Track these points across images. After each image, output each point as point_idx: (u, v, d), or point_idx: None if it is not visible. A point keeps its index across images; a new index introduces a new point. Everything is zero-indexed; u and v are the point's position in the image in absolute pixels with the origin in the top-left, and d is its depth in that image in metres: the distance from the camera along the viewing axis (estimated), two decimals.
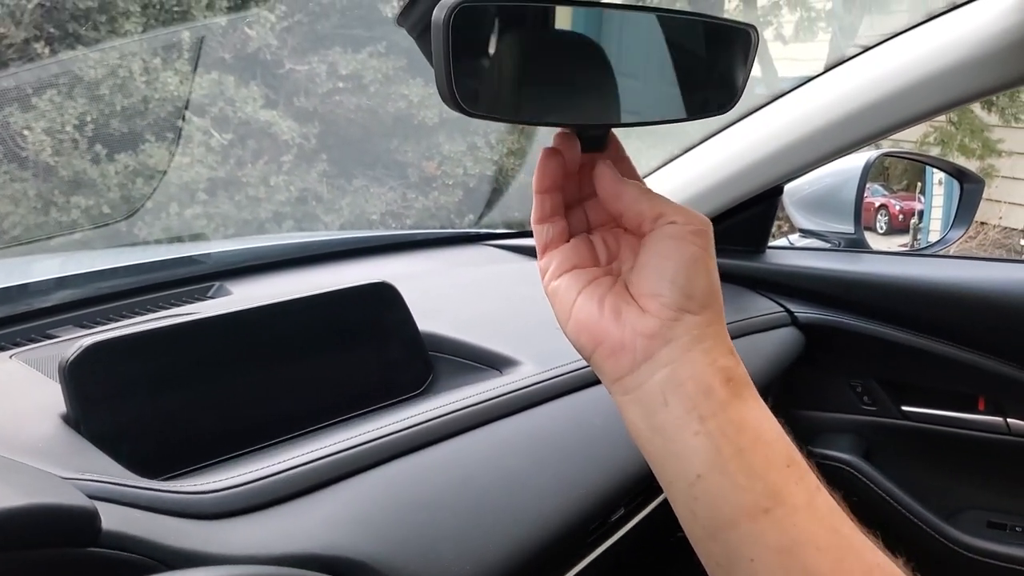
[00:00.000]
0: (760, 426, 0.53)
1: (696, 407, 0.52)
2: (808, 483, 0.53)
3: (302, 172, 4.51)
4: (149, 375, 0.81)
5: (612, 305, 0.55)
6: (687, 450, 0.52)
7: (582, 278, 0.57)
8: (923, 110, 1.18)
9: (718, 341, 0.54)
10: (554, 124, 0.57)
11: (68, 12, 3.91)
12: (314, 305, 0.94)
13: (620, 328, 0.54)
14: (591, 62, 0.56)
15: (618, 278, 0.57)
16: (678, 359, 0.52)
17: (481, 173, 4.78)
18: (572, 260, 0.57)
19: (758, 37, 0.62)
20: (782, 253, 1.47)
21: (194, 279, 1.21)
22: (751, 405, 0.53)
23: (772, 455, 0.52)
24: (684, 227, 0.54)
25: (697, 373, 0.52)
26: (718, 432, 0.51)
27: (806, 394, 1.46)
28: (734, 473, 0.51)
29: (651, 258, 0.54)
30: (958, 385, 1.34)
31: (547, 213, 0.58)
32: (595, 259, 0.58)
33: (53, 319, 1.05)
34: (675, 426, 0.52)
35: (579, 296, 0.56)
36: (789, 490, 0.51)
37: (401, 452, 0.80)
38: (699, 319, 0.53)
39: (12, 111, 3.78)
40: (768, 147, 1.32)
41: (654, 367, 0.53)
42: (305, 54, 4.51)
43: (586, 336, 0.55)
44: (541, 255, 0.59)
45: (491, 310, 1.19)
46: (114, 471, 0.70)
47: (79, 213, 3.90)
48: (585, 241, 0.59)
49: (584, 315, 0.55)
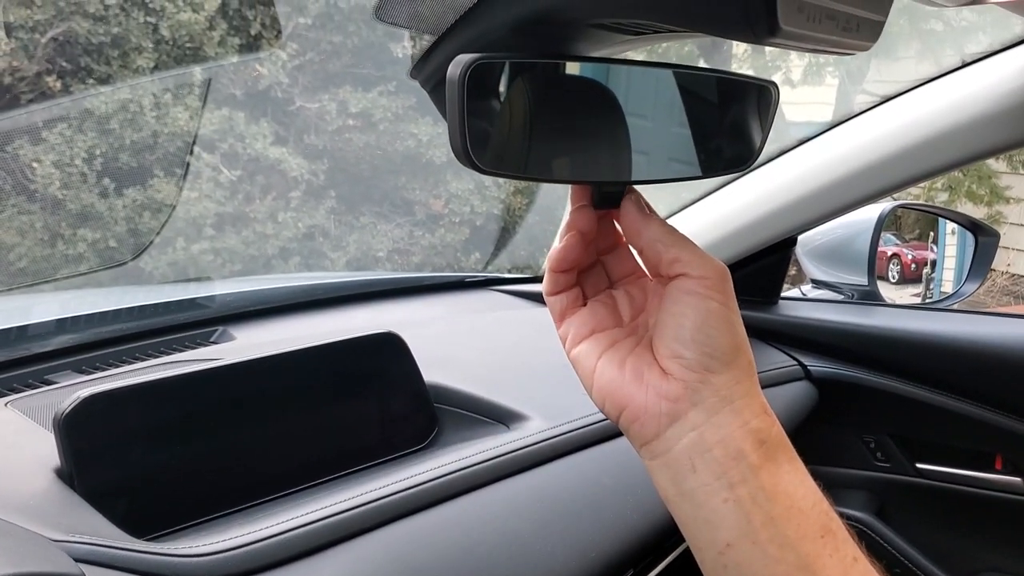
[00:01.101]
0: (794, 492, 0.51)
1: (725, 473, 0.50)
2: (843, 554, 0.51)
3: (310, 209, 4.51)
4: (146, 428, 0.78)
5: (634, 368, 0.53)
6: (716, 517, 0.50)
7: (602, 342, 0.55)
8: (939, 165, 1.17)
9: (749, 400, 0.52)
10: (569, 182, 0.56)
11: (81, 47, 3.94)
12: (317, 356, 0.91)
13: (643, 392, 0.52)
14: (609, 119, 0.54)
15: (644, 336, 0.55)
16: (705, 422, 0.51)
17: (488, 212, 4.78)
18: (590, 325, 0.56)
19: (778, 94, 0.60)
20: (795, 305, 1.44)
21: (197, 323, 1.19)
22: (785, 469, 0.51)
23: (805, 524, 0.50)
24: (700, 281, 0.52)
25: (726, 437, 0.50)
26: (748, 499, 0.50)
27: (818, 449, 1.42)
28: (765, 543, 0.49)
29: (668, 317, 0.52)
30: (975, 443, 1.31)
31: (560, 287, 0.56)
32: (616, 319, 0.56)
33: (52, 364, 1.03)
34: (704, 493, 0.50)
35: (599, 361, 0.54)
36: (823, 562, 0.50)
37: (402, 513, 0.77)
38: (726, 378, 0.51)
39: (22, 143, 3.80)
40: (783, 198, 1.30)
41: (681, 431, 0.51)
42: (316, 92, 4.54)
43: (610, 402, 0.54)
44: (558, 324, 0.57)
45: (499, 360, 1.17)
46: (106, 531, 0.68)
47: (85, 246, 3.90)
48: (604, 301, 0.57)
49: (606, 380, 0.54)
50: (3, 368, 1.00)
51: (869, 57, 6.12)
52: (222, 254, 4.27)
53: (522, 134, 0.51)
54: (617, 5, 0.48)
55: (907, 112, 1.19)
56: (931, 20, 5.69)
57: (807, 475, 0.52)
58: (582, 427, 0.94)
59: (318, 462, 0.88)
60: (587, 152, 0.54)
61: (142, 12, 4.06)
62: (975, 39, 5.14)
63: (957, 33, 5.40)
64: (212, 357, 1.06)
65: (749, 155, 0.60)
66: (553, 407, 0.98)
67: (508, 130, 0.50)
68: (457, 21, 0.54)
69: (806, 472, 0.52)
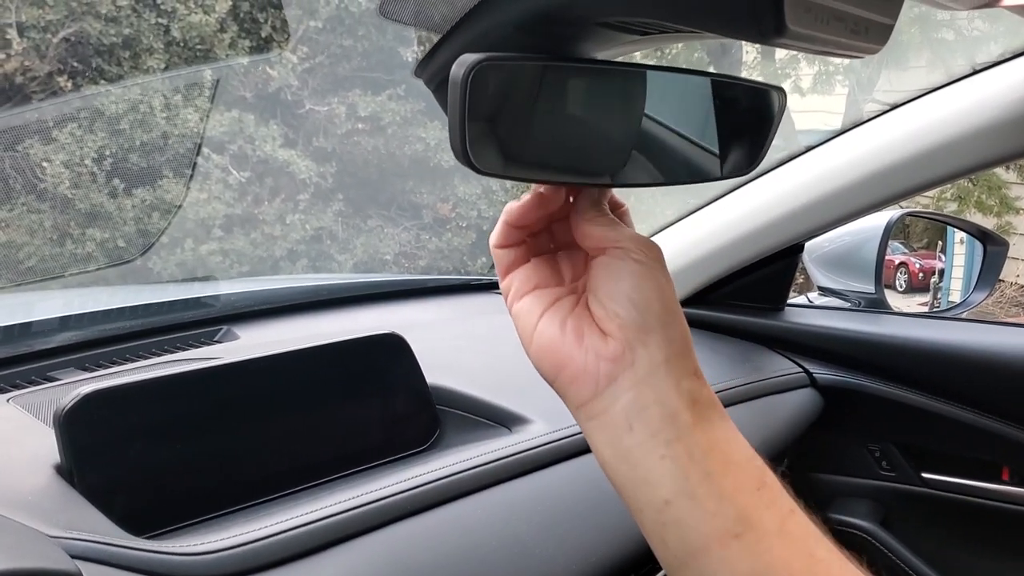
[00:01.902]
0: (728, 448, 0.52)
1: (661, 431, 0.51)
2: (780, 506, 0.52)
3: (318, 211, 4.53)
4: (147, 426, 0.78)
5: (575, 328, 0.54)
6: (654, 475, 0.51)
7: (544, 299, 0.56)
8: (947, 172, 1.16)
9: (682, 360, 0.53)
10: (568, 184, 0.56)
11: (92, 47, 3.96)
12: (320, 356, 0.91)
13: (583, 353, 0.53)
14: (612, 123, 0.54)
15: (581, 296, 0.56)
16: (641, 382, 0.52)
17: (495, 216, 4.77)
18: (533, 280, 0.56)
19: (785, 99, 0.60)
20: (801, 312, 1.44)
21: (202, 322, 1.19)
22: (719, 427, 0.53)
23: (742, 478, 0.51)
24: (631, 251, 0.53)
25: (661, 396, 0.51)
26: (685, 455, 0.50)
27: (822, 457, 1.42)
28: (703, 498, 0.50)
29: (604, 280, 0.53)
30: (981, 453, 1.30)
31: (510, 241, 0.57)
32: (558, 278, 0.57)
33: (55, 360, 1.03)
34: (641, 451, 0.51)
35: (541, 319, 0.55)
36: (760, 514, 0.50)
37: (403, 514, 0.76)
38: (660, 338, 0.52)
39: (33, 143, 3.81)
40: (790, 204, 1.30)
41: (617, 391, 0.52)
42: (325, 95, 4.55)
43: (549, 361, 0.54)
44: (502, 277, 0.58)
45: (502, 363, 1.17)
46: (104, 528, 0.68)
47: (94, 246, 3.91)
48: (548, 260, 0.58)
49: (546, 339, 0.54)
50: (6, 364, 1.00)
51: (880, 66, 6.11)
52: (230, 255, 4.28)
53: (522, 136, 0.51)
54: (623, 3, 0.48)
55: (915, 119, 1.18)
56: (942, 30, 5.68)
57: (739, 433, 0.53)
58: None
59: (319, 462, 0.87)
60: (588, 155, 0.54)
61: (153, 13, 4.07)
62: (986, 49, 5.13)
63: (968, 43, 5.38)
64: (216, 356, 1.06)
65: (754, 160, 0.60)
66: (555, 410, 0.96)
67: (508, 132, 0.50)
68: (462, 19, 0.54)
69: (737, 431, 0.53)
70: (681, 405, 0.51)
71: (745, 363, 1.29)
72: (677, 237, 1.42)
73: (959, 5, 0.54)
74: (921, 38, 5.63)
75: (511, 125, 0.50)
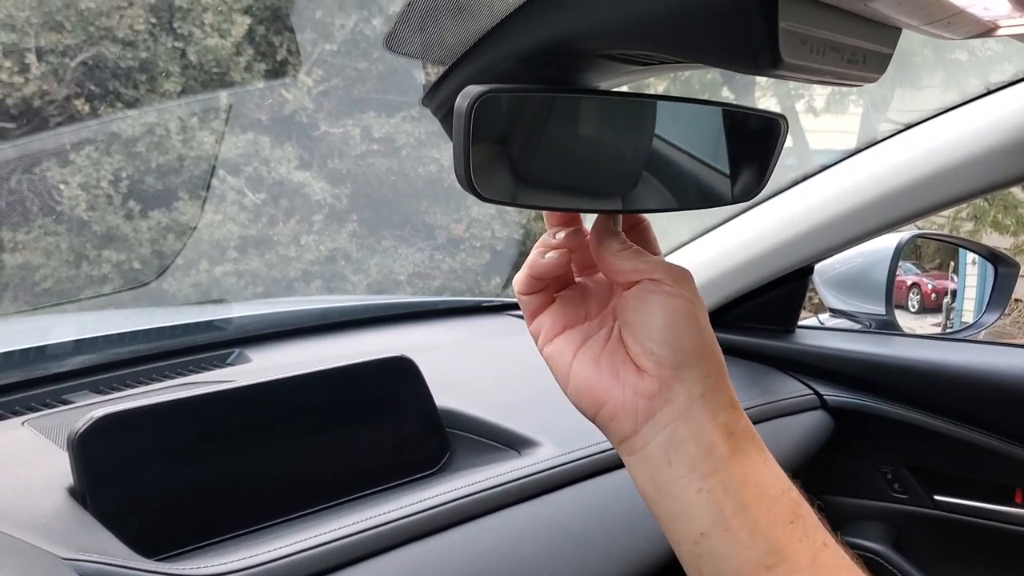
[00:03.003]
0: (763, 481, 0.53)
1: (698, 465, 0.52)
2: (813, 539, 0.52)
3: (332, 232, 4.55)
4: (159, 449, 0.79)
5: (609, 364, 0.54)
6: (691, 508, 0.52)
7: (575, 339, 0.56)
8: (959, 194, 1.16)
9: (718, 393, 0.53)
10: (569, 211, 0.56)
11: (110, 71, 4.01)
12: (330, 379, 0.92)
13: (620, 390, 0.53)
14: (612, 150, 0.55)
15: (613, 328, 0.56)
16: (679, 417, 0.52)
17: (508, 236, 4.80)
18: (561, 321, 0.57)
19: (787, 127, 0.61)
20: (812, 333, 1.44)
21: (214, 345, 1.20)
22: (754, 459, 0.53)
23: (776, 511, 0.52)
24: (662, 283, 0.53)
25: (697, 430, 0.52)
26: (720, 489, 0.51)
27: (834, 480, 1.41)
28: (737, 530, 0.51)
29: (638, 316, 0.53)
30: (994, 476, 1.29)
31: (534, 288, 0.57)
32: (586, 312, 0.57)
33: (69, 383, 1.04)
34: (679, 485, 0.52)
35: (575, 359, 0.55)
36: (792, 547, 0.51)
37: (412, 537, 0.77)
38: (696, 373, 0.53)
39: (50, 165, 3.86)
40: (800, 226, 1.30)
41: (656, 427, 0.53)
42: (340, 117, 4.59)
43: (587, 400, 0.55)
44: (529, 321, 0.58)
45: (512, 385, 1.17)
46: (116, 550, 0.69)
47: (110, 267, 3.94)
48: (573, 296, 0.58)
49: (583, 379, 0.55)
50: (21, 388, 1.01)
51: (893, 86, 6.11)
52: (245, 276, 4.31)
53: (525, 165, 0.52)
54: (622, 37, 0.49)
55: (927, 140, 1.18)
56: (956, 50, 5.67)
57: (775, 464, 0.54)
58: (594, 454, 0.94)
59: (329, 485, 0.88)
60: (589, 183, 0.54)
61: (170, 37, 4.13)
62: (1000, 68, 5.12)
63: (982, 63, 5.37)
64: (228, 379, 1.07)
65: (754, 187, 0.60)
66: (565, 433, 0.98)
67: (512, 161, 0.51)
68: (466, 52, 0.55)
69: (774, 462, 0.54)
70: (718, 438, 0.52)
71: (755, 385, 1.29)
72: (688, 258, 1.43)
73: (956, 35, 0.54)
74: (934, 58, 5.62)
75: (514, 154, 0.51)
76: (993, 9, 0.52)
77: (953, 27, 0.53)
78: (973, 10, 0.51)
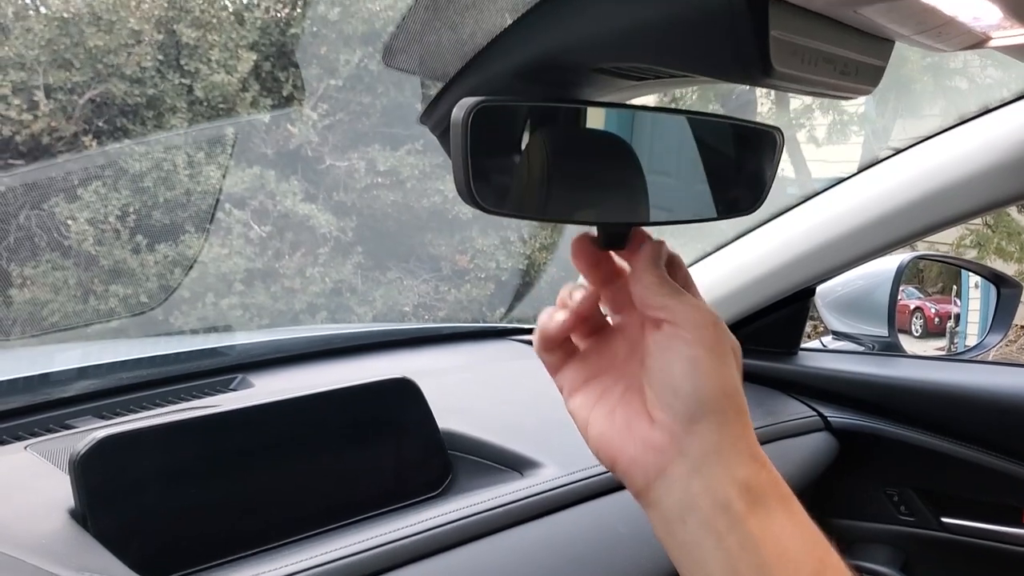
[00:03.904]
0: (784, 538, 0.50)
1: (713, 523, 0.50)
2: None
3: (338, 264, 4.57)
4: (160, 470, 0.79)
5: (623, 418, 0.53)
6: (708, 567, 0.50)
7: (594, 392, 0.55)
8: (957, 213, 1.17)
9: (738, 446, 0.51)
10: (572, 222, 0.57)
11: (117, 107, 4.06)
12: (332, 401, 0.92)
13: (632, 444, 0.52)
14: (613, 161, 0.55)
15: (636, 376, 0.54)
16: (693, 472, 0.50)
17: (513, 267, 4.81)
18: (583, 374, 0.56)
19: (783, 139, 0.61)
20: (815, 356, 1.43)
21: (217, 371, 1.20)
22: (776, 514, 0.51)
23: (796, 570, 0.50)
24: (684, 330, 0.51)
25: (712, 487, 0.50)
26: (736, 549, 0.49)
27: (840, 502, 1.40)
28: None
29: (657, 365, 0.52)
30: (1000, 497, 1.28)
31: (551, 347, 0.56)
32: (611, 358, 0.56)
33: (73, 409, 1.05)
34: (694, 543, 0.50)
35: (592, 412, 0.54)
36: None
37: (414, 557, 0.77)
38: (710, 425, 0.50)
39: (58, 201, 3.89)
40: (801, 247, 1.30)
41: (669, 483, 0.51)
42: (345, 151, 4.62)
43: (603, 453, 0.54)
44: (553, 375, 0.57)
45: (514, 408, 1.17)
46: (117, 572, 0.68)
47: (117, 302, 3.96)
48: (599, 345, 0.57)
49: (598, 432, 0.54)
50: (25, 413, 1.01)
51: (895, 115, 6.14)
52: (251, 309, 4.32)
53: (526, 175, 0.52)
54: (613, 48, 0.49)
55: (925, 160, 1.19)
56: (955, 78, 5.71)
57: (802, 518, 0.52)
58: (596, 475, 0.94)
59: (331, 507, 0.88)
60: (590, 193, 0.55)
61: (177, 74, 4.17)
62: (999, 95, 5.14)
63: (982, 90, 5.40)
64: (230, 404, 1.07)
65: (758, 197, 0.61)
66: (568, 455, 0.97)
67: (512, 171, 0.52)
68: (463, 68, 0.56)
69: (802, 514, 0.52)
70: (734, 494, 0.50)
71: (759, 407, 1.29)
72: None
73: (947, 46, 0.55)
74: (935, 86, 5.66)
75: (513, 164, 0.52)
76: (983, 19, 0.52)
77: (944, 37, 0.54)
78: (963, 19, 0.51)
